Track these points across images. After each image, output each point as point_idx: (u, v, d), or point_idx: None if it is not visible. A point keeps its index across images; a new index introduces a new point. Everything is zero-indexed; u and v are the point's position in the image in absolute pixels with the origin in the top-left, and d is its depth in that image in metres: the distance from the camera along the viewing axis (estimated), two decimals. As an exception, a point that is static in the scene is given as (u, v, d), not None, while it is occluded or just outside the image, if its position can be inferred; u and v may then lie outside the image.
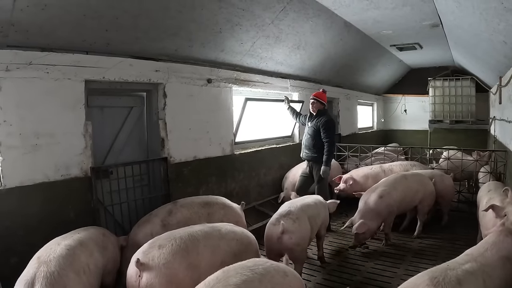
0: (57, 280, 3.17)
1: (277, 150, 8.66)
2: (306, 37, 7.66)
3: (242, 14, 5.79)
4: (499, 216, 4.57)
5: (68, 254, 3.50)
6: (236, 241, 4.05)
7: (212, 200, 5.48)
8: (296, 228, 4.76)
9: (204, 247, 3.77)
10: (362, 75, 12.88)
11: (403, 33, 8.98)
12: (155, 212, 5.08)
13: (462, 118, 13.08)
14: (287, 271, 3.18)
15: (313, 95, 7.23)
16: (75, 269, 3.42)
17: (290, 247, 4.65)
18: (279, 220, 4.79)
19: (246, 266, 3.00)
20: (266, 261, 3.22)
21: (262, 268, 3.01)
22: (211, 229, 4.06)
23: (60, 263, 3.33)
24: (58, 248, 3.54)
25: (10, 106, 4.17)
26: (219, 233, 4.02)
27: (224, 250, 3.88)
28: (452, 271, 3.15)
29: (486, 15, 5.07)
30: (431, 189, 6.77)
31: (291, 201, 5.57)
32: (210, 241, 3.86)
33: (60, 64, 4.56)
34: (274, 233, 4.74)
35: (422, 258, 5.80)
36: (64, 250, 3.53)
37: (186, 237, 3.76)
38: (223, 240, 3.96)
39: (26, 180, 4.32)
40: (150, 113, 6.02)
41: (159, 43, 5.52)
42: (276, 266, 3.18)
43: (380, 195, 6.15)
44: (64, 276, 3.25)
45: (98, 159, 5.31)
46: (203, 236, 3.87)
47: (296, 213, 4.97)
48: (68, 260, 3.42)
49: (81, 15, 4.29)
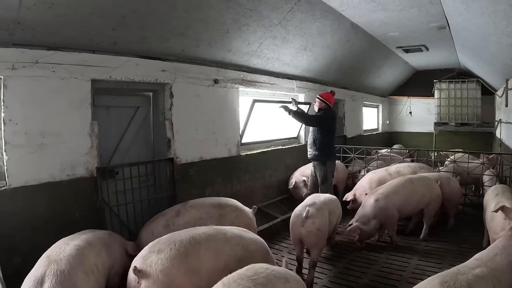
0: (67, 278, 3.16)
1: (283, 151, 8.63)
2: (313, 38, 7.63)
3: (250, 14, 5.77)
4: (508, 217, 4.53)
5: (78, 254, 3.50)
6: (242, 247, 3.96)
7: (224, 202, 5.47)
8: (318, 215, 5.21)
9: (205, 250, 3.68)
10: (368, 76, 12.84)
11: (410, 35, 8.94)
12: (164, 212, 5.10)
13: (468, 120, 13.06)
14: (288, 277, 3.12)
15: (318, 94, 7.39)
16: (85, 269, 3.42)
17: (312, 230, 5.10)
18: (305, 207, 5.24)
19: (247, 276, 2.92)
20: (266, 268, 3.13)
21: (263, 277, 2.94)
22: (216, 231, 3.99)
23: (70, 262, 3.33)
24: (67, 247, 3.54)
25: (16, 104, 4.16)
26: (224, 236, 3.95)
27: (228, 254, 3.79)
28: (463, 275, 3.11)
29: (494, 17, 5.04)
30: (438, 192, 6.69)
31: (314, 195, 6.04)
32: (213, 244, 3.78)
33: (66, 63, 4.55)
34: (299, 217, 5.19)
35: (428, 261, 5.74)
36: (74, 249, 3.52)
37: (187, 240, 3.68)
38: (227, 244, 3.88)
39: (31, 179, 4.30)
40: (156, 113, 5.99)
41: (166, 42, 5.50)
42: (277, 272, 3.10)
43: (376, 198, 6.16)
44: (74, 275, 3.24)
45: (104, 159, 5.28)
46: (206, 238, 3.79)
47: (319, 204, 5.43)
48: (78, 260, 3.42)
49: (88, 14, 4.28)
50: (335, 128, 7.47)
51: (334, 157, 7.42)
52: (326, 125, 7.18)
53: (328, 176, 7.16)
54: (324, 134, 7.12)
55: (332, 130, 7.31)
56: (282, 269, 3.28)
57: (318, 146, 7.12)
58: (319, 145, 7.11)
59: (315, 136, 7.17)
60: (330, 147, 7.22)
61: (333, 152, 7.35)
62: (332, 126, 7.31)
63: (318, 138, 7.12)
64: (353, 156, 9.50)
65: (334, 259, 5.96)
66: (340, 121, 12.03)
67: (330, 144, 7.23)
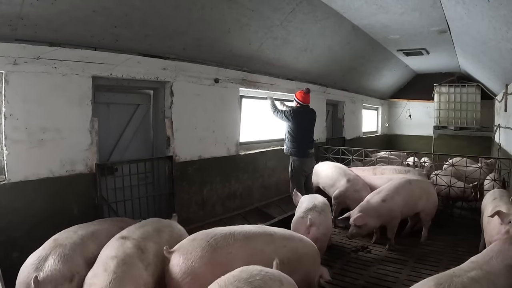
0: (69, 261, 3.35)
1: (282, 152, 8.61)
2: (313, 40, 7.66)
3: (251, 15, 5.79)
4: (504, 222, 4.54)
5: (82, 243, 3.67)
6: (288, 249, 3.98)
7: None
8: (322, 220, 5.10)
9: (240, 247, 3.72)
10: (368, 79, 12.86)
11: (411, 38, 8.97)
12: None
13: (467, 124, 13.06)
14: (282, 279, 3.10)
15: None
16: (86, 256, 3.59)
17: (318, 237, 4.93)
18: (307, 214, 5.10)
19: (243, 279, 2.92)
20: (261, 270, 3.11)
21: (259, 280, 2.94)
22: (262, 232, 4.03)
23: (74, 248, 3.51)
24: (74, 235, 3.69)
25: (17, 100, 4.19)
26: (270, 238, 3.99)
27: (268, 255, 3.70)
28: (458, 278, 3.13)
29: (495, 22, 5.06)
30: (435, 197, 6.68)
31: (310, 196, 5.88)
32: (252, 243, 3.82)
33: (68, 59, 4.57)
34: (303, 224, 5.01)
35: (425, 263, 5.75)
36: (79, 238, 3.69)
37: (222, 235, 3.76)
38: (271, 246, 3.89)
39: (31, 174, 4.33)
40: (156, 111, 6.03)
41: (168, 41, 5.52)
42: (271, 274, 3.09)
43: (383, 199, 6.12)
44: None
45: (103, 155, 5.32)
46: (246, 237, 3.84)
47: (320, 207, 5.33)
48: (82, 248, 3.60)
49: (90, 11, 4.30)
50: (304, 127, 7.41)
51: (300, 154, 7.33)
52: (288, 121, 7.28)
53: (294, 172, 7.33)
54: (289, 130, 7.33)
55: (297, 128, 7.30)
56: (276, 271, 3.25)
57: (285, 141, 7.46)
58: (286, 140, 7.44)
59: (285, 131, 7.48)
60: (293, 144, 7.31)
61: (298, 149, 7.32)
62: (296, 124, 7.28)
63: (285, 133, 7.43)
64: (352, 158, 9.52)
65: (330, 261, 5.97)
66: (339, 123, 12.09)
67: (293, 141, 7.30)
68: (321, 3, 6.28)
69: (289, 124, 7.28)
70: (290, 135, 7.29)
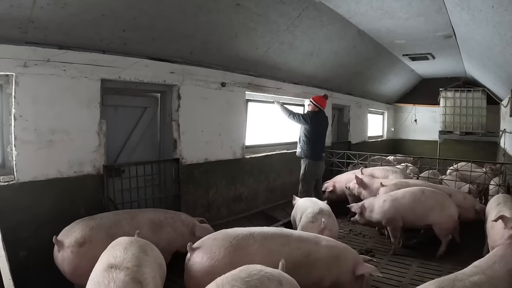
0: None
1: (287, 155, 8.67)
2: (320, 44, 7.70)
3: (258, 19, 5.84)
4: (507, 227, 4.53)
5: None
6: (302, 252, 3.97)
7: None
8: (332, 222, 5.16)
9: (258, 247, 3.81)
10: (374, 83, 12.87)
11: (416, 43, 8.99)
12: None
13: (473, 129, 13.03)
14: (281, 279, 3.08)
15: (311, 98, 7.70)
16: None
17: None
18: (317, 218, 5.09)
19: (240, 278, 2.92)
20: (260, 269, 3.10)
21: (257, 279, 2.93)
22: (280, 233, 4.12)
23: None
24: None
25: (27, 101, 4.25)
26: (286, 239, 4.03)
27: (283, 256, 3.60)
28: (460, 282, 3.12)
29: (499, 28, 5.09)
30: (451, 213, 6.14)
31: (310, 200, 5.92)
32: (269, 244, 3.88)
33: (77, 62, 4.63)
34: (314, 229, 4.93)
35: (428, 268, 5.76)
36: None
37: (243, 236, 3.86)
38: (286, 247, 3.91)
39: (39, 175, 4.38)
40: (163, 114, 6.08)
41: (175, 44, 5.58)
42: (270, 274, 3.06)
43: (384, 198, 6.19)
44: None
45: (110, 157, 5.38)
46: (264, 237, 3.92)
47: (327, 210, 5.39)
48: None
49: (99, 15, 4.36)
50: (320, 131, 7.64)
51: (314, 157, 7.50)
52: (306, 124, 7.41)
53: (306, 175, 7.48)
54: (305, 133, 7.45)
55: (314, 131, 7.46)
56: (277, 271, 3.22)
57: (300, 143, 7.57)
58: (300, 143, 7.55)
59: (299, 134, 7.60)
60: (309, 146, 7.45)
61: (313, 151, 7.49)
62: (313, 128, 7.45)
63: (300, 136, 7.55)
64: (357, 162, 9.53)
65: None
66: (345, 127, 12.10)
67: (309, 144, 7.44)
68: (327, 8, 6.32)
69: (306, 127, 7.41)
70: (306, 138, 7.42)
